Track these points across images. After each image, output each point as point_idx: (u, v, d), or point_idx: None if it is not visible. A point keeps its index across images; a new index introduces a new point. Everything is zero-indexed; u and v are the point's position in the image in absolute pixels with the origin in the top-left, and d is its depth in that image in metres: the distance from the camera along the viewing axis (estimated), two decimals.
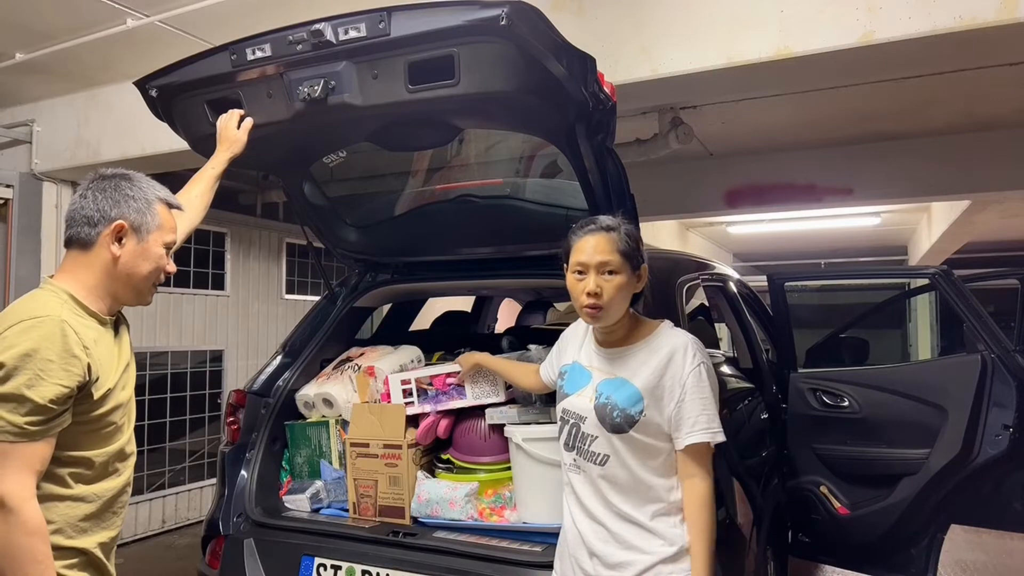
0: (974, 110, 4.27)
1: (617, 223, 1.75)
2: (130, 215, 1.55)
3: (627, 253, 1.71)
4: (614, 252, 1.69)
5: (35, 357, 1.38)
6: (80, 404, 1.47)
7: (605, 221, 1.75)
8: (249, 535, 2.32)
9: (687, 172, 5.38)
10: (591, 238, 1.72)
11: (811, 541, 3.32)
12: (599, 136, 2.04)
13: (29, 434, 1.37)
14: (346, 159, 2.60)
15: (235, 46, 2.00)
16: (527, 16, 1.72)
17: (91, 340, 1.48)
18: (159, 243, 1.60)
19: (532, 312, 3.94)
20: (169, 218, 1.64)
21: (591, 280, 1.69)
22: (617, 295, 1.69)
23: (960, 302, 3.07)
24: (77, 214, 1.55)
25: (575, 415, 1.77)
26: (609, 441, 1.69)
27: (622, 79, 2.67)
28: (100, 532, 1.56)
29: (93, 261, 1.54)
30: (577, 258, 1.72)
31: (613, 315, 1.72)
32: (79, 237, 1.54)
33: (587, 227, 1.75)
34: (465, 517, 2.21)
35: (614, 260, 1.69)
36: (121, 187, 1.57)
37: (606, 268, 1.69)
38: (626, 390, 1.70)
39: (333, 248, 2.88)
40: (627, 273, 1.71)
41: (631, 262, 1.72)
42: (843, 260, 11.68)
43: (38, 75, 3.96)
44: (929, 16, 2.29)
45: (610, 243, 1.70)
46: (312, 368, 2.72)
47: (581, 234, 1.75)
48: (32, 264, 4.38)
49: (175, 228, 1.66)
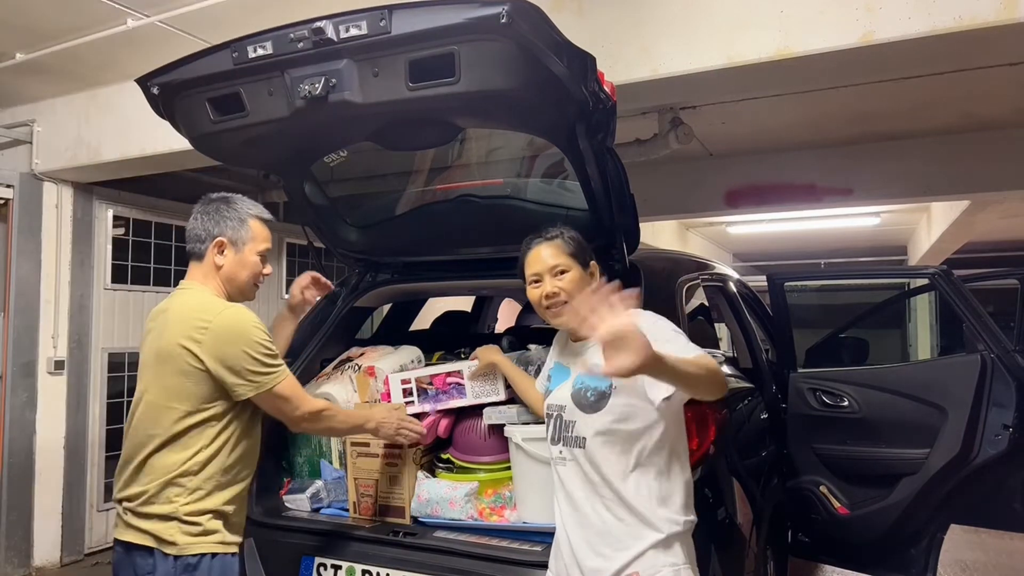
0: (974, 110, 4.27)
1: (558, 231, 1.91)
2: (227, 232, 1.95)
3: (573, 253, 1.87)
4: (561, 255, 1.86)
5: (258, 328, 1.87)
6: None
7: (548, 232, 1.92)
8: (249, 535, 2.32)
9: (687, 172, 5.38)
10: (538, 248, 1.89)
11: (811, 541, 3.32)
12: (599, 136, 2.04)
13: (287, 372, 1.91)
14: (347, 159, 2.61)
15: (236, 44, 2.00)
16: (528, 14, 1.73)
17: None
18: (254, 252, 1.98)
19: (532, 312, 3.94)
20: (262, 230, 2.01)
21: (546, 284, 1.85)
22: (572, 289, 1.82)
23: (960, 302, 3.07)
24: (191, 233, 1.97)
25: (556, 407, 1.84)
26: (589, 421, 1.73)
27: (622, 79, 2.67)
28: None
29: (207, 270, 1.96)
30: (530, 270, 1.89)
31: (574, 310, 1.76)
32: (194, 251, 1.97)
33: (532, 241, 1.92)
34: (465, 517, 2.21)
35: (563, 261, 1.85)
36: (220, 209, 1.97)
37: (556, 270, 1.85)
38: (596, 371, 1.71)
39: (333, 248, 2.88)
40: (577, 270, 1.86)
41: (579, 260, 1.87)
42: (843, 260, 11.67)
43: (38, 75, 3.96)
44: (929, 16, 2.29)
45: (555, 248, 1.87)
46: (312, 368, 2.72)
47: (528, 249, 1.92)
48: (32, 264, 4.38)
49: (268, 238, 2.03)
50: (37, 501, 4.38)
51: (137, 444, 1.87)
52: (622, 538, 1.66)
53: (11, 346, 4.28)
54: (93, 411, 4.64)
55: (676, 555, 1.66)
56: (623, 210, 2.23)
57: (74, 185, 4.54)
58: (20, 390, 4.31)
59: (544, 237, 1.91)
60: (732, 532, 2.21)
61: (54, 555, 4.46)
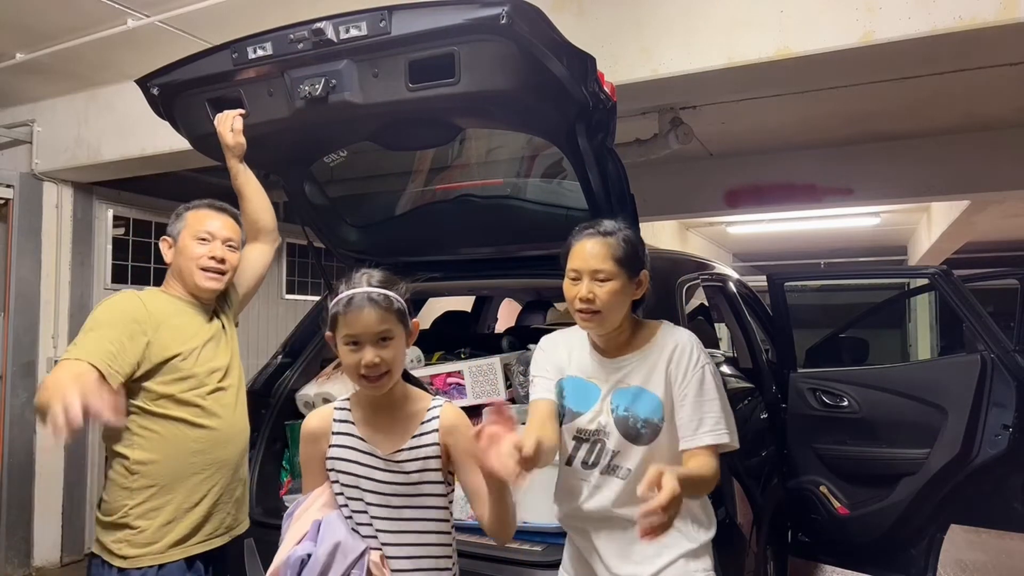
0: (974, 110, 4.27)
1: (615, 227, 1.70)
2: (170, 231, 2.06)
3: (623, 259, 1.66)
4: (608, 259, 1.65)
5: (107, 306, 1.90)
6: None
7: (604, 226, 1.71)
8: (249, 535, 2.32)
9: (687, 172, 5.38)
10: (587, 242, 1.68)
11: (811, 541, 3.31)
12: (599, 136, 2.04)
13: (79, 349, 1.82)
14: (346, 159, 2.61)
15: (236, 44, 2.01)
16: (527, 15, 1.73)
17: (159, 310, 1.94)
18: (188, 238, 2.00)
19: (532, 312, 3.95)
20: (195, 215, 2.03)
21: (584, 286, 1.64)
22: (611, 301, 1.64)
23: (960, 302, 3.07)
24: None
25: (593, 432, 1.70)
26: (637, 451, 1.66)
27: (622, 79, 2.67)
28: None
29: (169, 272, 2.07)
30: (572, 263, 1.69)
31: (609, 322, 1.67)
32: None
33: (585, 231, 1.71)
34: (465, 517, 2.21)
35: (607, 267, 1.64)
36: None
37: (599, 275, 1.64)
38: (645, 399, 1.67)
39: (333, 248, 2.88)
40: (622, 279, 1.65)
41: (628, 268, 1.66)
42: (843, 260, 11.67)
43: (38, 75, 3.96)
44: (929, 16, 2.28)
45: (605, 248, 1.66)
46: (312, 368, 2.72)
47: (578, 238, 1.71)
48: (32, 264, 4.38)
49: (202, 219, 2.02)
50: (37, 501, 4.37)
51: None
52: (656, 547, 1.64)
53: (11, 346, 4.28)
54: None
55: (705, 562, 1.67)
56: (623, 210, 2.23)
57: (74, 185, 4.53)
58: (20, 390, 4.31)
59: (598, 231, 1.70)
60: (732, 532, 2.21)
61: (54, 555, 4.46)
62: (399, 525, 1.54)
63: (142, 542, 1.85)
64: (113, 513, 1.86)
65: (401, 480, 1.54)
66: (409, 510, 1.55)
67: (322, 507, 1.59)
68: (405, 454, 1.54)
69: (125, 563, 1.83)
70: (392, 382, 1.55)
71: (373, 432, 1.58)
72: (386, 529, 1.54)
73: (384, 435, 1.57)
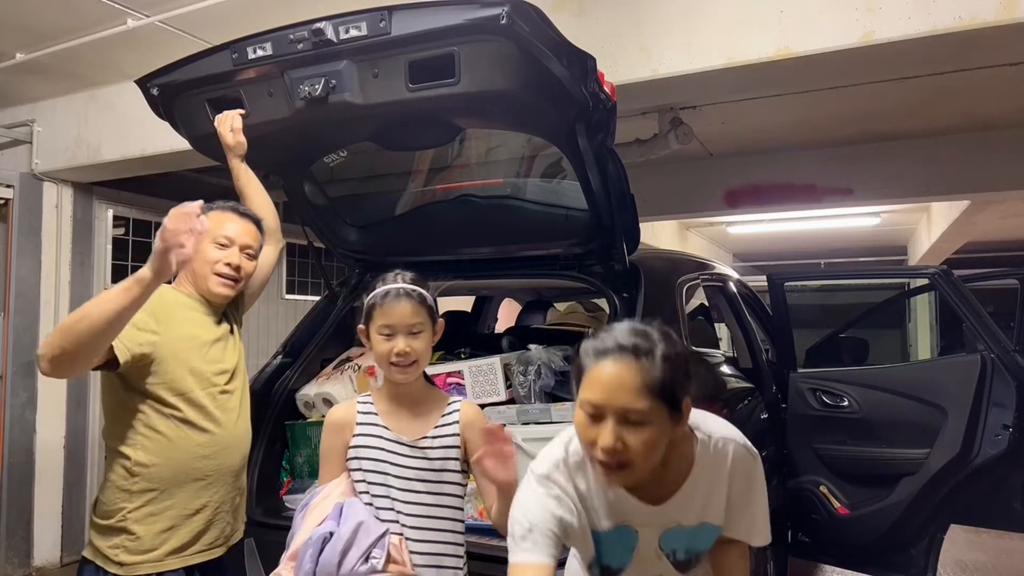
0: (974, 110, 4.27)
1: (650, 343, 1.18)
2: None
3: (660, 390, 1.16)
4: (640, 394, 1.15)
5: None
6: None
7: (630, 340, 1.18)
8: (249, 535, 2.32)
9: (687, 172, 5.38)
10: (610, 367, 1.18)
11: (811, 541, 3.32)
12: (599, 136, 2.04)
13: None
14: (346, 159, 2.61)
15: (236, 45, 2.01)
16: (527, 15, 1.73)
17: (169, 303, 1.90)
18: (206, 240, 1.91)
19: (532, 312, 3.94)
20: (217, 220, 1.96)
21: (608, 430, 1.17)
22: (647, 452, 1.18)
23: (960, 302, 3.07)
24: None
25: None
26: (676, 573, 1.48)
27: (622, 79, 2.67)
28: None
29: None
30: (589, 394, 1.19)
31: (640, 473, 1.23)
32: None
33: (602, 351, 1.20)
34: (467, 517, 2.20)
35: (641, 405, 1.16)
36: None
37: (630, 415, 1.17)
38: (706, 532, 1.41)
39: (333, 248, 2.88)
40: (661, 419, 1.18)
41: (667, 400, 1.17)
42: (843, 260, 11.67)
43: (38, 75, 3.96)
44: (929, 16, 2.28)
45: (637, 376, 1.16)
46: (312, 368, 2.72)
47: (591, 360, 1.21)
48: (32, 264, 4.38)
49: (220, 223, 1.97)
50: (37, 501, 4.37)
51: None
52: None
53: (11, 346, 4.28)
54: (93, 411, 4.63)
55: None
56: (623, 210, 2.23)
57: (74, 185, 4.53)
58: (20, 390, 4.31)
59: (623, 348, 1.18)
60: None
61: (54, 555, 4.46)
62: (420, 510, 1.62)
63: (140, 549, 1.80)
64: (110, 516, 1.82)
65: (425, 466, 1.63)
66: (430, 496, 1.64)
67: (341, 495, 1.66)
68: (429, 441, 1.64)
69: (122, 570, 1.78)
70: (418, 372, 1.65)
71: (397, 422, 1.67)
72: (407, 513, 1.62)
73: (408, 424, 1.67)
